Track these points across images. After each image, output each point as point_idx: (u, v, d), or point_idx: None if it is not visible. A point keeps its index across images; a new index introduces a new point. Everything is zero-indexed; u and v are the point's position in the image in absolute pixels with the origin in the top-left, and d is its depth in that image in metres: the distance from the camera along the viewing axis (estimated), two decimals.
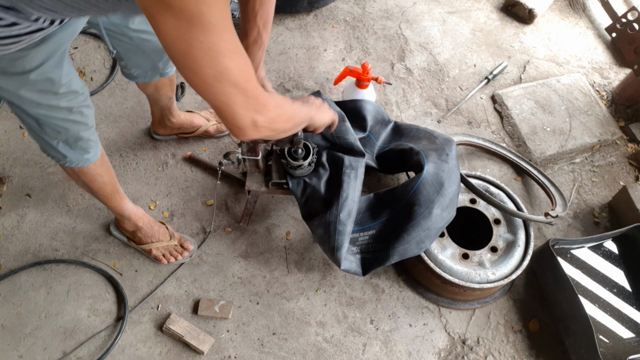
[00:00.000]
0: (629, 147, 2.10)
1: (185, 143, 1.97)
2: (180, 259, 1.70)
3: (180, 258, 1.70)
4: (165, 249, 1.69)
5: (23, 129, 1.97)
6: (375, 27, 2.37)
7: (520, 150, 2.05)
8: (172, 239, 1.70)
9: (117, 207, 1.58)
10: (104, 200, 1.53)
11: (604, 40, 2.42)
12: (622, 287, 1.70)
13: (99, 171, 1.41)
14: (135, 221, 1.65)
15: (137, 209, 1.66)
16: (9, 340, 1.57)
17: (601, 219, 1.92)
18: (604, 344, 1.59)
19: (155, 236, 1.68)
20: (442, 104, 2.16)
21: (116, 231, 1.73)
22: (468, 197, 1.73)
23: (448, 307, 1.70)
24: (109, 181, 1.48)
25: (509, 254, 1.62)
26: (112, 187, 1.50)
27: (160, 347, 1.59)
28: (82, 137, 1.27)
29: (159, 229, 1.69)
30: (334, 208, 1.50)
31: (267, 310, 1.67)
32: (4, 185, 1.84)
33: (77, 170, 1.36)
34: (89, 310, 1.64)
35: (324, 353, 1.61)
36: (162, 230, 1.70)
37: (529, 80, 2.24)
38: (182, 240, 1.72)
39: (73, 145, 1.28)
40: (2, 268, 1.69)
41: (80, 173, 1.38)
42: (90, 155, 1.34)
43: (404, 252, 1.51)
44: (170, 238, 1.69)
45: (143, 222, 1.67)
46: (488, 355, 1.63)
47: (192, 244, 1.73)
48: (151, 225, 1.68)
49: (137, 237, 1.69)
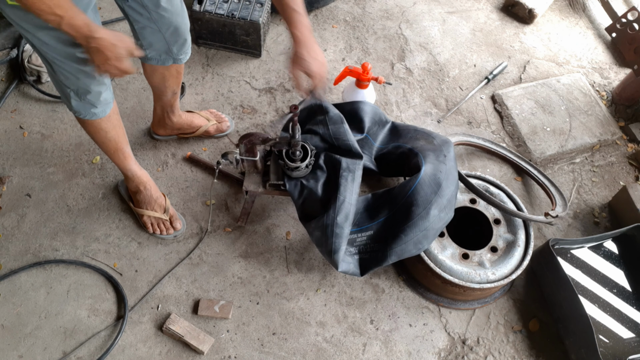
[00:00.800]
0: (629, 147, 2.10)
1: (185, 143, 1.97)
2: (165, 234, 1.75)
3: (165, 233, 1.75)
4: (155, 219, 1.75)
5: (23, 129, 1.97)
6: (375, 27, 2.37)
7: (520, 150, 2.05)
8: (166, 213, 1.75)
9: (120, 165, 1.65)
10: (107, 155, 1.61)
11: (604, 40, 2.42)
12: (622, 287, 1.70)
13: (103, 127, 1.48)
14: (137, 184, 1.71)
15: (142, 173, 1.72)
16: (9, 340, 1.57)
17: (601, 219, 1.92)
18: (604, 344, 1.59)
19: (151, 205, 1.74)
20: (442, 104, 2.16)
21: (122, 187, 1.80)
22: (468, 197, 1.73)
23: (448, 307, 1.70)
24: (113, 139, 1.54)
25: (509, 254, 1.62)
26: (115, 145, 1.56)
27: (160, 347, 1.59)
28: (91, 91, 1.33)
29: (157, 199, 1.75)
30: (331, 211, 1.50)
31: (267, 310, 1.67)
32: (4, 185, 1.84)
33: (82, 120, 1.45)
34: (89, 310, 1.64)
35: (324, 353, 1.61)
36: (159, 202, 1.75)
37: (529, 80, 2.24)
38: (174, 218, 1.77)
39: (82, 97, 1.35)
40: (2, 268, 1.69)
41: (84, 123, 1.47)
42: (98, 111, 1.41)
43: (402, 252, 1.51)
44: (164, 212, 1.75)
45: (145, 187, 1.73)
46: (488, 355, 1.63)
47: (181, 224, 1.78)
48: (151, 193, 1.74)
49: (135, 199, 1.76)
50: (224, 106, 2.08)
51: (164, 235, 1.75)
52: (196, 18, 2.11)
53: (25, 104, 2.03)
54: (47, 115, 2.00)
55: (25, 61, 2.04)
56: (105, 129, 1.49)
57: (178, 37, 1.52)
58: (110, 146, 1.56)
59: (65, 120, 2.00)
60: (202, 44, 2.22)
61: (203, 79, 2.15)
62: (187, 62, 2.18)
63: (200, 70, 2.16)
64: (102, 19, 2.26)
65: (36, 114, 2.01)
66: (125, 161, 1.64)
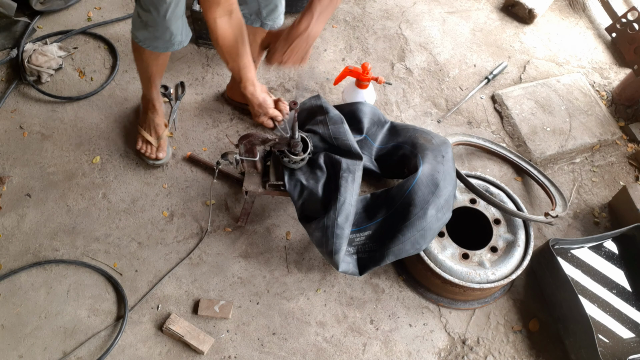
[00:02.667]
0: (629, 147, 2.10)
1: (185, 143, 1.97)
2: (147, 155, 1.87)
3: (147, 155, 1.87)
4: (145, 141, 1.88)
5: (23, 129, 1.97)
6: (375, 27, 2.37)
7: (520, 150, 2.05)
8: (158, 140, 1.87)
9: (143, 88, 1.83)
10: (139, 77, 1.80)
11: (604, 40, 2.42)
12: (622, 287, 1.70)
13: (145, 58, 1.65)
14: (148, 106, 1.86)
15: (158, 101, 1.85)
16: (9, 340, 1.57)
17: (601, 219, 1.92)
18: (604, 344, 1.59)
19: (148, 128, 1.88)
20: (442, 104, 2.16)
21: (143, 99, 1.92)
22: (468, 197, 1.73)
23: (448, 307, 1.70)
24: (150, 71, 1.71)
25: (509, 254, 1.62)
26: (148, 76, 1.74)
27: (160, 347, 1.59)
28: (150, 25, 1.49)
29: (156, 126, 1.88)
30: (331, 212, 1.50)
31: (267, 310, 1.67)
32: (4, 185, 1.84)
33: (134, 43, 1.60)
34: (89, 310, 1.64)
35: (324, 353, 1.61)
36: (158, 130, 1.88)
37: (529, 80, 2.24)
38: (162, 146, 1.89)
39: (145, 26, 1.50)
40: (2, 268, 1.69)
41: (135, 46, 1.63)
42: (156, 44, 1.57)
43: (399, 252, 1.51)
44: (157, 139, 1.87)
45: (151, 111, 1.87)
46: (488, 355, 1.63)
47: (164, 155, 1.89)
48: (154, 118, 1.87)
49: (141, 117, 1.92)
50: (223, 106, 2.08)
51: (147, 156, 1.87)
52: (196, 18, 2.11)
53: (25, 104, 2.03)
54: (47, 115, 2.00)
55: (25, 61, 2.04)
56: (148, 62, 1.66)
57: (269, 2, 1.62)
58: (144, 76, 1.75)
59: (65, 120, 2.00)
60: (202, 44, 2.22)
61: (203, 79, 2.15)
62: (187, 62, 2.19)
63: (200, 70, 2.16)
64: (101, 19, 2.26)
65: (36, 114, 2.01)
66: (149, 90, 1.80)
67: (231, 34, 1.34)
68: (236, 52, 1.38)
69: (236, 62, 1.40)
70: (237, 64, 1.40)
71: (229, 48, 1.36)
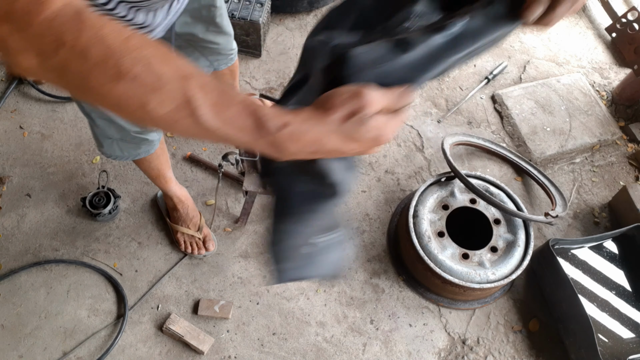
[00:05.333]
0: (629, 147, 2.10)
1: (185, 143, 1.97)
2: (196, 253, 1.72)
3: (196, 253, 1.72)
4: (189, 237, 1.72)
5: (23, 129, 1.97)
6: None
7: (520, 150, 2.05)
8: (200, 231, 1.73)
9: (161, 187, 1.68)
10: (149, 178, 1.64)
11: (604, 40, 2.42)
12: (622, 287, 1.70)
13: (138, 165, 1.53)
14: (175, 202, 1.71)
15: (182, 192, 1.72)
16: (9, 340, 1.57)
17: (601, 219, 1.92)
18: (604, 344, 1.59)
19: (186, 222, 1.72)
20: (442, 104, 2.16)
21: (161, 202, 1.80)
22: (468, 197, 1.73)
23: (448, 307, 1.70)
24: (155, 167, 1.55)
25: (509, 254, 1.62)
26: (157, 172, 1.58)
27: (160, 347, 1.59)
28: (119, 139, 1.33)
29: (192, 217, 1.73)
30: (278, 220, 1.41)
31: (267, 310, 1.67)
32: (4, 185, 1.84)
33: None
34: (89, 310, 1.64)
35: (324, 353, 1.61)
36: (194, 220, 1.73)
37: (529, 80, 2.24)
38: (208, 238, 1.74)
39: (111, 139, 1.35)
40: (2, 268, 1.69)
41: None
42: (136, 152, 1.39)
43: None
44: (197, 230, 1.73)
45: (182, 205, 1.72)
46: (488, 355, 1.63)
47: (214, 245, 1.74)
48: (188, 211, 1.73)
49: (172, 215, 1.75)
50: None
51: (195, 254, 1.73)
52: None
53: (25, 104, 2.03)
54: (47, 115, 2.00)
55: None
56: (149, 160, 1.49)
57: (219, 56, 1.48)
58: (152, 173, 1.58)
59: (65, 120, 2.00)
60: None
61: None
62: None
63: None
64: None
65: (36, 114, 2.01)
66: (166, 185, 1.65)
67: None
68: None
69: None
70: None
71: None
